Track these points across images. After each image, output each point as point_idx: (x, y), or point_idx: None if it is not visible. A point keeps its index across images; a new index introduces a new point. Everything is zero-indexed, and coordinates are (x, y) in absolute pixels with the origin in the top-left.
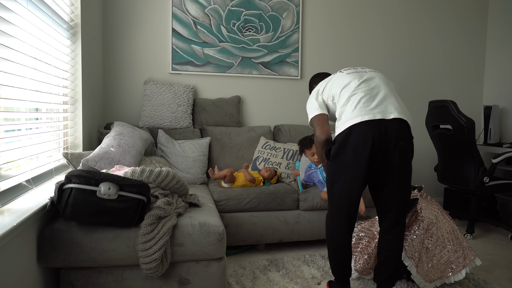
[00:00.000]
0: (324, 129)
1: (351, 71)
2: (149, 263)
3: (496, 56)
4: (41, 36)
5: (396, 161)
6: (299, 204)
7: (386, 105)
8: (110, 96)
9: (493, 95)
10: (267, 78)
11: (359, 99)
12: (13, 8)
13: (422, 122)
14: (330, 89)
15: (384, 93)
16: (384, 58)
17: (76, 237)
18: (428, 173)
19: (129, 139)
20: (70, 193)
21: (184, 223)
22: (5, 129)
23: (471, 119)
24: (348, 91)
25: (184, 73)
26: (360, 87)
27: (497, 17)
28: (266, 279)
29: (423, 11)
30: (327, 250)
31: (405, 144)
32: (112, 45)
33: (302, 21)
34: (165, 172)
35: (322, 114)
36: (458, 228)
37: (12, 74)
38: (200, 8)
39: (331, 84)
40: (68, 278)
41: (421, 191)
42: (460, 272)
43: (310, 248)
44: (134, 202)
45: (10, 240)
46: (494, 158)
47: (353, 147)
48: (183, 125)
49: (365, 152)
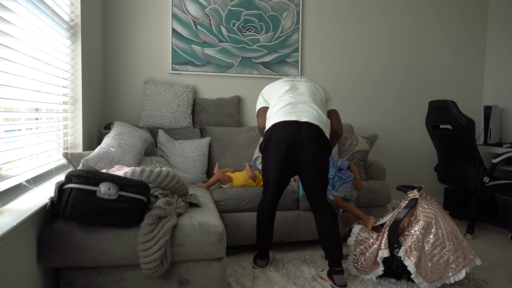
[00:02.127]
0: (263, 119)
1: (288, 79)
2: (149, 263)
3: (496, 56)
4: (41, 36)
5: (309, 159)
6: (299, 204)
7: (302, 111)
8: (110, 96)
9: (493, 95)
10: (267, 78)
11: (284, 104)
12: (13, 8)
13: (422, 122)
14: (269, 92)
15: (304, 101)
16: (384, 58)
17: (76, 237)
18: (428, 173)
19: (129, 139)
20: (70, 193)
21: (184, 223)
22: (5, 129)
23: (471, 119)
24: (278, 96)
25: (184, 73)
26: (287, 94)
27: (497, 17)
28: (266, 279)
29: (424, 11)
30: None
31: (316, 145)
32: (112, 45)
33: (302, 21)
34: (165, 172)
35: (263, 107)
36: (458, 228)
37: (12, 74)
38: (200, 8)
39: (272, 88)
40: (68, 278)
41: (420, 191)
42: (460, 272)
43: (310, 248)
44: (134, 202)
45: (10, 240)
46: (494, 158)
47: (274, 144)
48: (183, 125)
49: (282, 148)
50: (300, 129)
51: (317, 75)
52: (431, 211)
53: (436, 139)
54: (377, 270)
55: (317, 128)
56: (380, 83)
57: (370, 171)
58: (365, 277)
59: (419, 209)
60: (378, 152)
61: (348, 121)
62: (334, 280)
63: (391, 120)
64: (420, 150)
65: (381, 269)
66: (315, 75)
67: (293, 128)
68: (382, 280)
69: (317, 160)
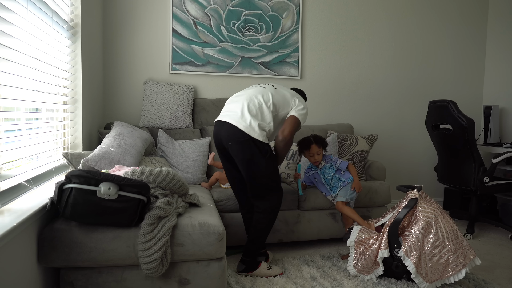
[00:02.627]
0: None
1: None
2: (149, 263)
3: (496, 56)
4: (41, 36)
5: (236, 157)
6: (299, 204)
7: (228, 111)
8: (110, 96)
9: (493, 95)
10: (267, 78)
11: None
12: (13, 8)
13: (422, 122)
14: None
15: (236, 101)
16: (384, 58)
17: (76, 237)
18: (428, 173)
19: (129, 139)
20: (70, 193)
21: (184, 223)
22: (5, 129)
23: (471, 119)
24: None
25: (184, 73)
26: (233, 97)
27: (497, 17)
28: (265, 279)
29: (424, 11)
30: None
31: (235, 144)
32: (112, 45)
33: (302, 21)
34: (165, 172)
35: None
36: (458, 228)
37: (12, 74)
38: (200, 8)
39: None
40: (68, 278)
41: (420, 191)
42: (460, 271)
43: (310, 248)
44: (134, 202)
45: (10, 240)
46: (494, 158)
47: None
48: (183, 125)
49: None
50: (221, 129)
51: (317, 75)
52: (431, 211)
53: (436, 139)
54: (377, 270)
55: (235, 128)
56: (380, 83)
57: (370, 171)
58: (365, 277)
59: (419, 209)
60: (378, 152)
61: (348, 121)
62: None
63: (391, 120)
64: (420, 150)
65: (381, 269)
66: (315, 75)
67: (217, 127)
68: (382, 280)
69: (242, 158)
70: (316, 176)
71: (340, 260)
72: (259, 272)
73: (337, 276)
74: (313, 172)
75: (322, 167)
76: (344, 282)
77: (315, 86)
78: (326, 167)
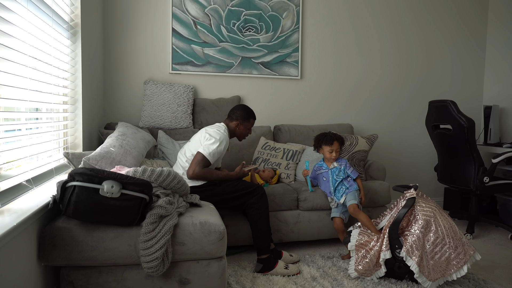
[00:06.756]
0: None
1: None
2: (150, 262)
3: (496, 56)
4: (41, 36)
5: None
6: (299, 204)
7: None
8: (110, 96)
9: (493, 95)
10: (267, 78)
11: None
12: (13, 8)
13: (422, 122)
14: None
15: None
16: (384, 58)
17: (77, 236)
18: (428, 173)
19: (132, 140)
20: (73, 191)
21: (185, 222)
22: (5, 129)
23: (471, 119)
24: None
25: (184, 73)
26: None
27: (497, 17)
28: (265, 279)
29: (424, 11)
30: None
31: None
32: (112, 45)
33: (302, 21)
34: (167, 172)
35: None
36: (455, 224)
37: (12, 74)
38: (200, 8)
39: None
40: (68, 278)
41: (416, 189)
42: (462, 268)
43: (310, 248)
44: (137, 200)
45: (10, 240)
46: (494, 158)
47: None
48: (183, 125)
49: None
50: None
51: (317, 75)
52: (429, 209)
53: (436, 139)
54: (379, 271)
55: None
56: (380, 83)
57: (370, 171)
58: (365, 278)
59: (417, 208)
60: (378, 152)
61: (348, 121)
62: None
63: (391, 120)
64: (420, 150)
65: (383, 271)
66: (315, 75)
67: None
68: (382, 280)
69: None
70: (326, 175)
71: (340, 260)
72: (276, 271)
73: (337, 276)
74: (323, 171)
75: (334, 168)
76: (344, 282)
77: (315, 86)
78: (337, 170)
